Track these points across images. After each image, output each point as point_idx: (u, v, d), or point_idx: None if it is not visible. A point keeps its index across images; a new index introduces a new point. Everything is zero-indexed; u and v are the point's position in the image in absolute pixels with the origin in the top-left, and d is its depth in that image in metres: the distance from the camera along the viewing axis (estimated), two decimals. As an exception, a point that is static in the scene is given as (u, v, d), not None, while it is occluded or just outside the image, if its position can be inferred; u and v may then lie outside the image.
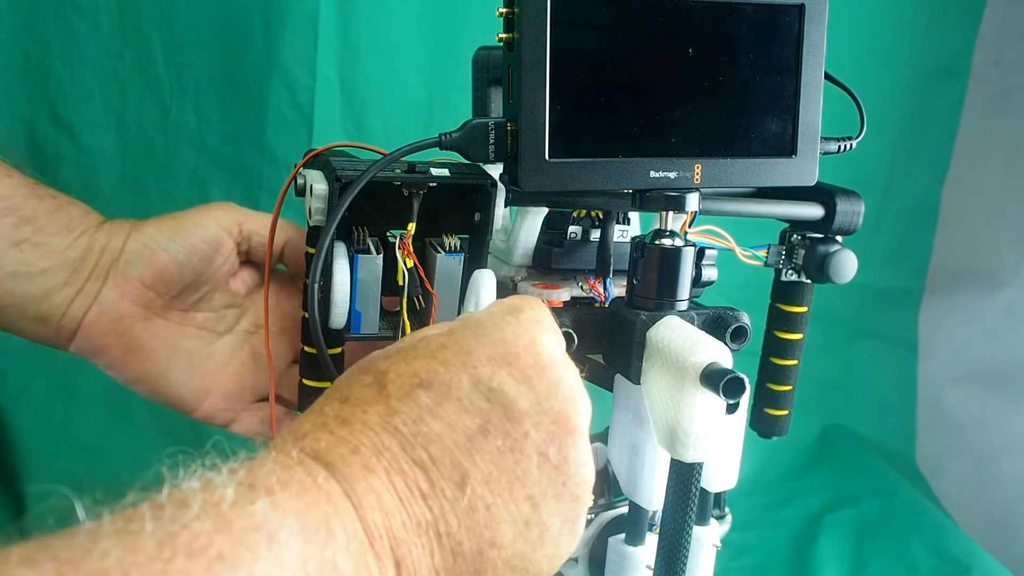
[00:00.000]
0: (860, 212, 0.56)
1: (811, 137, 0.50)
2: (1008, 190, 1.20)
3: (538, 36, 0.43)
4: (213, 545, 0.25)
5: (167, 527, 0.25)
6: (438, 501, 0.32)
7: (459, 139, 0.47)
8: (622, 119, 0.46)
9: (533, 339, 0.37)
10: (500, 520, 0.34)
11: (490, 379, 0.35)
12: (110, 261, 0.56)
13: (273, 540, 0.27)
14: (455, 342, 0.36)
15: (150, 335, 0.57)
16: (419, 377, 0.35)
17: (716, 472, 0.54)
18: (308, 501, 0.29)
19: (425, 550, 0.32)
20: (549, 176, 0.45)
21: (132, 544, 0.24)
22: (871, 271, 1.20)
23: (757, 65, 0.48)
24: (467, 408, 0.34)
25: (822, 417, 1.31)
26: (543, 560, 0.35)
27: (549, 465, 0.35)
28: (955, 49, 1.23)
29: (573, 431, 0.36)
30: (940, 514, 1.15)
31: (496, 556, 0.34)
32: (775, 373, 0.62)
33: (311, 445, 0.32)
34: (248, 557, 0.26)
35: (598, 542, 0.58)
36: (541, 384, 0.36)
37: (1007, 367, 1.19)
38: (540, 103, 0.44)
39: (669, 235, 0.48)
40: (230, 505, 0.27)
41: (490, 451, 0.34)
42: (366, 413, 0.34)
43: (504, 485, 0.34)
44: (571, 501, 0.36)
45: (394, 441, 0.33)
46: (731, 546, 1.09)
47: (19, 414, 1.03)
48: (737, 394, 0.41)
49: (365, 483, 0.31)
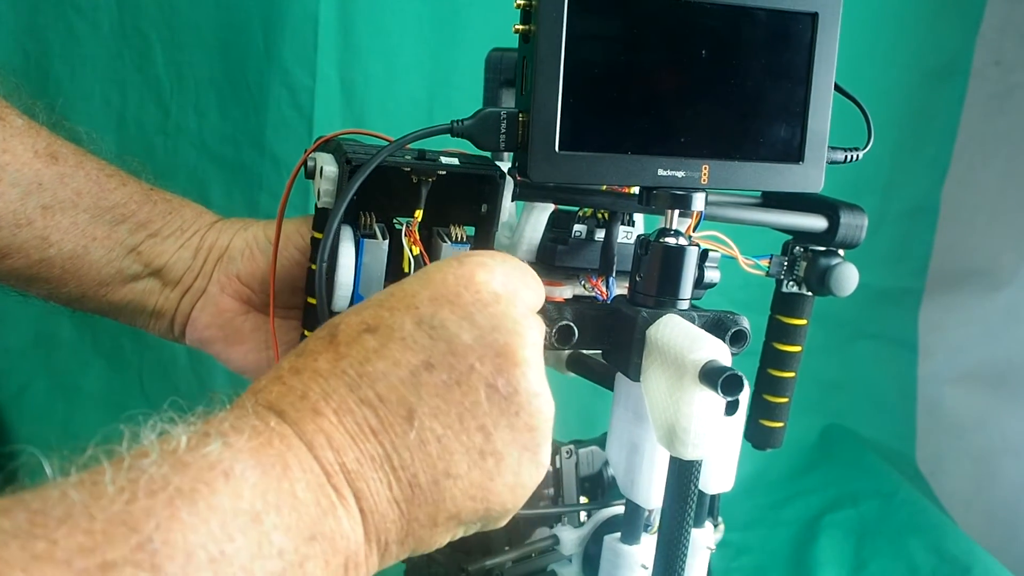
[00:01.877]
0: (863, 226, 0.57)
1: (819, 144, 0.50)
2: (1008, 190, 1.20)
3: (554, 29, 0.44)
4: (171, 484, 0.27)
5: (127, 474, 0.27)
6: (388, 436, 0.34)
7: (471, 127, 0.47)
8: (633, 116, 0.46)
9: (472, 277, 0.38)
10: (453, 451, 0.35)
11: (432, 317, 0.36)
12: (216, 258, 0.59)
13: (230, 475, 0.29)
14: (400, 289, 0.38)
15: (251, 327, 0.59)
16: (366, 323, 0.36)
17: (713, 473, 0.54)
18: (261, 442, 0.31)
19: (382, 483, 0.33)
20: (558, 168, 0.45)
21: (95, 491, 0.26)
22: (871, 271, 1.21)
23: (769, 71, 0.48)
24: (410, 346, 0.35)
25: (822, 417, 1.31)
26: (504, 490, 0.36)
27: (499, 396, 0.36)
28: (955, 49, 1.23)
29: (520, 362, 0.37)
30: (940, 514, 1.15)
31: (452, 486, 0.35)
32: (772, 385, 0.62)
33: (264, 397, 0.34)
34: (205, 491, 0.28)
35: (593, 541, 0.58)
36: (483, 319, 0.37)
37: (1007, 367, 1.19)
38: (553, 95, 0.44)
39: (674, 234, 0.48)
40: (185, 450, 0.29)
41: (435, 385, 0.35)
42: (316, 361, 0.35)
43: (454, 417, 0.35)
44: (527, 431, 0.37)
45: (341, 383, 0.34)
46: (731, 546, 1.09)
47: (19, 414, 1.03)
48: (736, 391, 0.41)
49: (314, 424, 0.33)
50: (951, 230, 1.28)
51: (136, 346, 1.08)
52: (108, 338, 1.08)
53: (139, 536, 0.25)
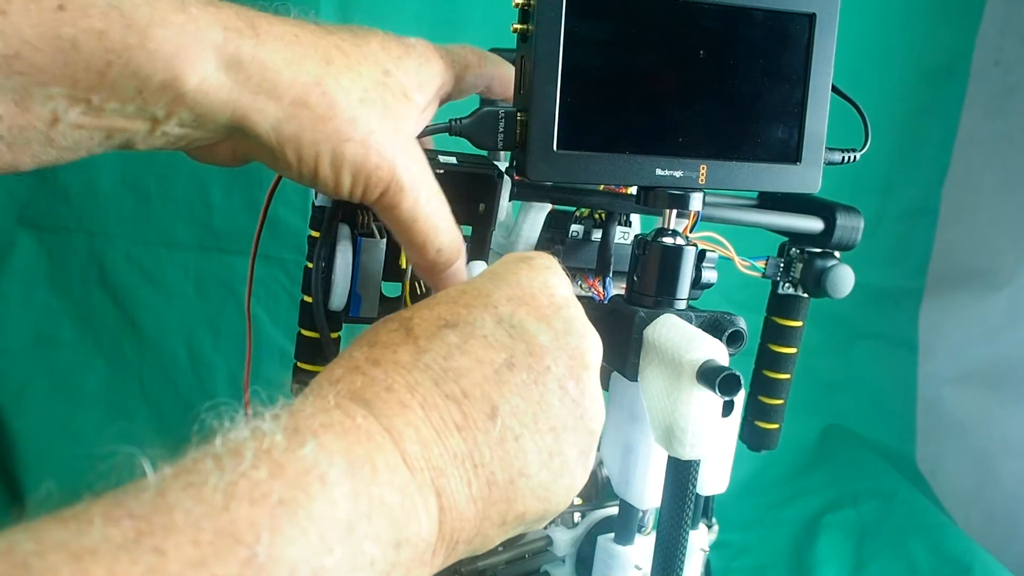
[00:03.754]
0: (859, 228, 0.57)
1: (816, 145, 0.50)
2: (1008, 190, 1.20)
3: (552, 28, 0.44)
4: (273, 492, 0.27)
5: (227, 477, 0.26)
6: (471, 432, 0.34)
7: (469, 125, 0.47)
8: (631, 115, 0.46)
9: (546, 281, 0.39)
10: (527, 450, 0.35)
11: (511, 317, 0.37)
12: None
13: (325, 481, 0.28)
14: (474, 287, 0.38)
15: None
16: (444, 319, 0.36)
17: (707, 475, 0.54)
18: (351, 441, 0.30)
19: (463, 480, 0.33)
20: (556, 167, 0.45)
21: (197, 496, 0.25)
22: (871, 271, 1.21)
23: (766, 71, 0.49)
24: (492, 344, 0.36)
25: (822, 417, 1.31)
26: (562, 490, 0.37)
27: (569, 399, 0.36)
28: (955, 49, 1.23)
29: (589, 366, 0.38)
30: (940, 514, 1.15)
31: (525, 485, 0.35)
32: (767, 386, 0.62)
33: (346, 387, 0.33)
34: (304, 499, 0.27)
35: (586, 542, 0.58)
36: (558, 322, 0.38)
37: (1007, 367, 1.19)
38: (551, 94, 0.44)
39: (672, 234, 0.48)
40: (281, 451, 0.28)
41: (516, 384, 0.35)
42: (396, 353, 0.35)
43: (530, 417, 0.35)
44: (587, 434, 0.37)
45: (426, 377, 0.34)
46: (731, 546, 1.09)
47: (19, 414, 1.03)
48: (733, 391, 0.42)
49: (402, 418, 0.32)
50: (951, 230, 1.28)
51: (136, 346, 1.08)
52: (108, 338, 1.08)
53: (247, 550, 0.25)
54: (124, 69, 0.36)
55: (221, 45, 0.38)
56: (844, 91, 0.51)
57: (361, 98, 0.41)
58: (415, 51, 0.46)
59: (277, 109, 0.39)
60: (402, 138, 0.43)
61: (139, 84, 0.36)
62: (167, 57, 0.36)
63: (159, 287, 1.08)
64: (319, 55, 0.40)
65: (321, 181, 0.42)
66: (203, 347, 1.09)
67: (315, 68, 0.40)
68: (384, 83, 0.43)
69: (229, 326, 1.08)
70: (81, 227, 1.05)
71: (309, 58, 0.40)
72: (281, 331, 1.09)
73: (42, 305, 1.05)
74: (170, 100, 0.37)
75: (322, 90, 0.40)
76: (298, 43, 0.40)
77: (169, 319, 1.08)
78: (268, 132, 0.40)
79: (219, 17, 0.38)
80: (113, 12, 0.35)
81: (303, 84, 0.39)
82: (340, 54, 0.41)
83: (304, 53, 0.40)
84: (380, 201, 0.43)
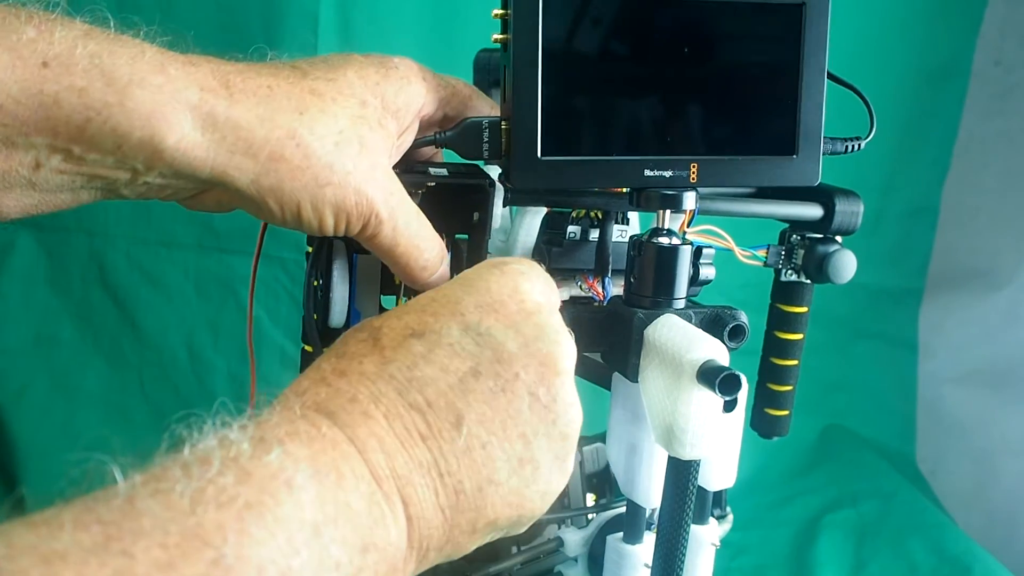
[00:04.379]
0: (859, 212, 0.56)
1: (813, 136, 0.49)
2: (1008, 190, 1.20)
3: (530, 35, 0.43)
4: (240, 496, 0.27)
5: (195, 484, 0.27)
6: (436, 442, 0.34)
7: (454, 137, 0.47)
8: (615, 117, 0.46)
9: (516, 287, 0.39)
10: (496, 458, 0.35)
11: (478, 324, 0.37)
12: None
13: (291, 486, 0.29)
14: (443, 295, 0.38)
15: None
16: (411, 328, 0.37)
17: (714, 471, 0.54)
18: (316, 449, 0.31)
19: (429, 489, 0.33)
20: (542, 174, 0.45)
21: (165, 502, 0.26)
22: (871, 271, 1.20)
23: (755, 64, 0.48)
24: (458, 352, 0.36)
25: (822, 417, 1.31)
26: (536, 496, 0.37)
27: (539, 405, 0.36)
28: (955, 49, 1.23)
29: (560, 372, 0.38)
30: (940, 514, 1.15)
31: (494, 493, 0.35)
32: (775, 373, 0.62)
33: (312, 399, 0.34)
34: (271, 502, 0.28)
35: (597, 541, 0.59)
36: (527, 328, 0.38)
37: (1007, 367, 1.19)
38: (532, 102, 0.44)
39: (666, 234, 0.48)
40: (247, 458, 0.29)
41: (483, 392, 0.35)
42: (362, 364, 0.35)
43: (498, 425, 0.35)
44: (560, 440, 0.37)
45: (390, 388, 0.34)
46: (731, 546, 1.09)
47: (19, 414, 1.03)
48: (733, 391, 0.42)
49: (366, 428, 0.33)
50: (951, 230, 1.28)
51: (136, 346, 1.08)
52: (108, 338, 1.08)
53: (214, 552, 0.25)
54: (104, 126, 0.38)
55: (197, 105, 0.39)
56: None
57: (336, 141, 0.42)
58: (396, 72, 0.46)
59: (254, 165, 0.41)
60: (379, 172, 0.44)
61: (118, 140, 0.38)
62: (145, 116, 0.38)
63: (159, 287, 1.08)
64: (292, 106, 0.41)
65: (306, 224, 0.43)
66: (203, 347, 1.09)
67: (288, 121, 0.41)
68: (360, 116, 0.43)
69: (229, 326, 1.08)
70: (81, 227, 1.05)
71: (282, 110, 0.41)
72: (281, 331, 1.09)
73: (42, 305, 1.05)
74: (149, 156, 0.39)
75: (296, 142, 0.41)
76: (271, 96, 0.41)
77: (169, 319, 1.08)
78: (248, 186, 0.41)
79: (195, 77, 0.39)
80: (94, 70, 0.37)
81: (277, 139, 0.41)
82: (314, 98, 0.42)
83: (277, 106, 0.41)
84: (362, 234, 0.44)
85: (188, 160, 0.39)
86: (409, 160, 0.50)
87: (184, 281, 1.08)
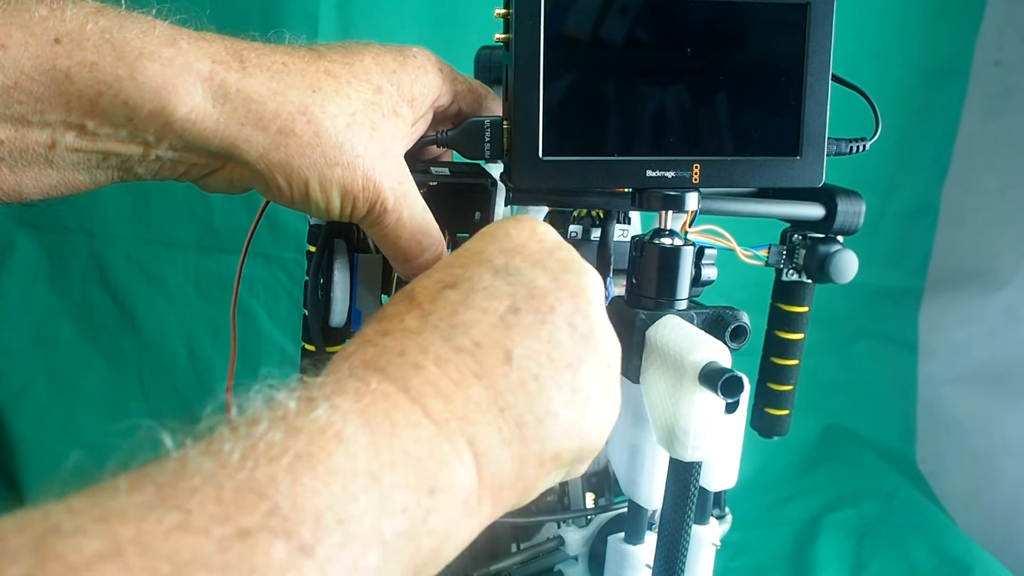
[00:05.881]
0: (861, 212, 0.56)
1: (817, 137, 0.49)
2: (1008, 190, 1.20)
3: (532, 35, 0.43)
4: (289, 449, 0.27)
5: (244, 442, 0.27)
6: (491, 379, 0.34)
7: (455, 137, 0.47)
8: (617, 117, 0.46)
9: (534, 230, 0.40)
10: (548, 389, 0.35)
11: (507, 266, 0.38)
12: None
13: (341, 437, 0.29)
14: (465, 250, 0.39)
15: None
16: (443, 282, 0.37)
17: (715, 471, 0.54)
18: (366, 403, 0.31)
19: (492, 426, 0.34)
20: (543, 174, 0.45)
21: (217, 460, 0.27)
22: (871, 271, 1.20)
23: (759, 64, 0.48)
24: (493, 294, 0.36)
25: (822, 417, 1.31)
26: (592, 426, 0.37)
27: (578, 334, 0.37)
28: (955, 49, 1.23)
29: (592, 301, 0.38)
30: (940, 514, 1.15)
31: (554, 423, 0.35)
32: (776, 373, 0.62)
33: (359, 359, 0.34)
34: (322, 455, 0.28)
35: (598, 540, 0.59)
36: (552, 264, 0.38)
37: (1007, 367, 1.19)
38: (534, 102, 0.44)
39: (668, 234, 0.48)
40: (295, 416, 0.29)
41: (525, 326, 0.36)
42: (403, 321, 0.36)
43: (545, 356, 0.36)
44: (604, 368, 0.38)
45: (435, 336, 0.35)
46: (731, 546, 1.09)
47: (19, 414, 1.03)
48: (735, 393, 0.41)
49: (419, 378, 0.33)
50: (951, 230, 1.28)
51: (136, 346, 1.08)
52: (108, 338, 1.08)
53: (268, 503, 0.26)
54: (115, 99, 0.38)
55: (208, 77, 0.40)
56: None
57: (348, 122, 0.42)
58: (413, 61, 0.47)
59: (264, 138, 0.41)
60: (389, 159, 0.44)
61: (129, 112, 0.39)
62: (155, 88, 0.39)
63: (159, 287, 1.08)
64: (306, 83, 0.42)
65: (313, 204, 0.43)
66: (203, 347, 1.09)
67: (301, 96, 0.41)
68: (374, 102, 0.44)
69: (229, 326, 1.08)
70: (81, 227, 1.05)
71: (295, 87, 0.42)
72: (281, 330, 1.09)
73: (42, 305, 1.05)
74: (160, 127, 0.40)
75: (307, 118, 0.41)
76: (285, 72, 0.42)
77: (169, 319, 1.08)
78: (257, 160, 0.42)
79: (208, 51, 0.40)
80: (105, 45, 0.38)
81: (288, 114, 0.41)
82: (329, 79, 0.43)
83: (290, 82, 0.42)
84: (366, 219, 0.45)
85: (199, 131, 0.40)
86: (414, 159, 0.50)
87: (184, 281, 1.08)
